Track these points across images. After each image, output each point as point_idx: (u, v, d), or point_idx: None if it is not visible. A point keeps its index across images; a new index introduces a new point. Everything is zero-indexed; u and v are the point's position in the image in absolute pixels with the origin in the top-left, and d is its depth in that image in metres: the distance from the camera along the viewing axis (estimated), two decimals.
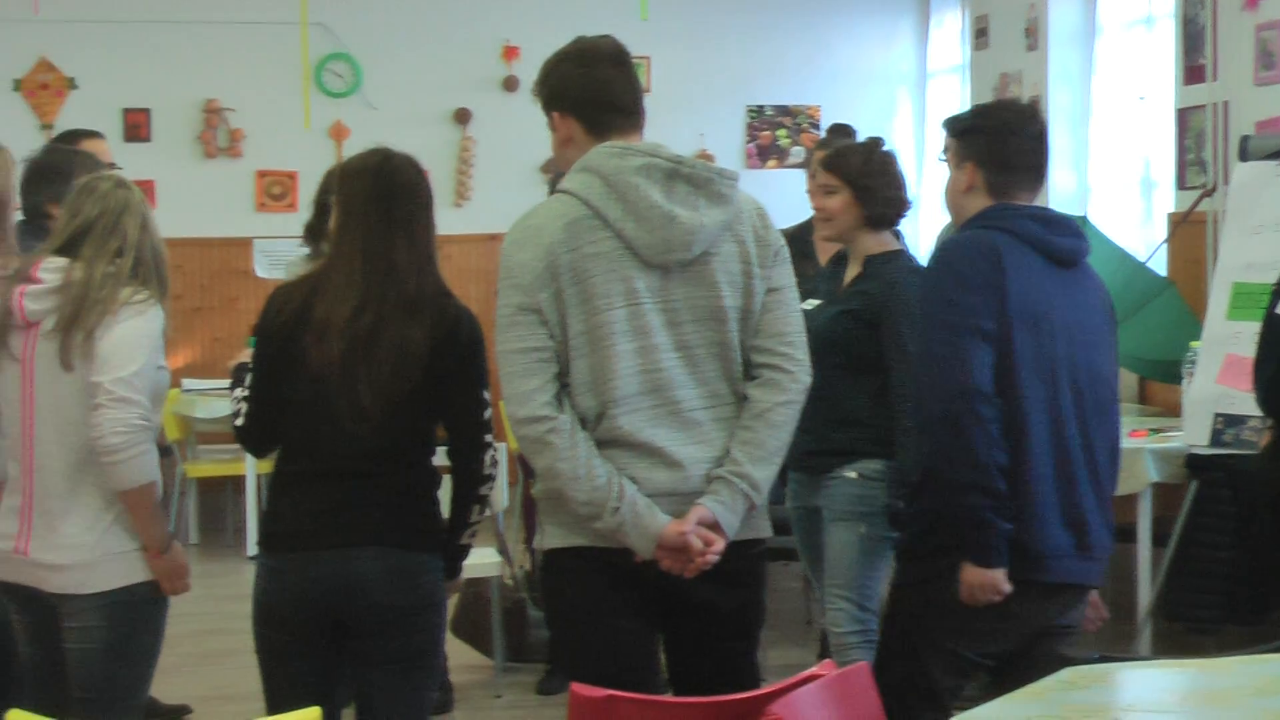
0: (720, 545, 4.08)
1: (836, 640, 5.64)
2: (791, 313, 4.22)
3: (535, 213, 4.18)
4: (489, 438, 4.50)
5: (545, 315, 4.05)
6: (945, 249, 4.44)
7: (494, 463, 4.52)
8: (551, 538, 4.20)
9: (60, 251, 4.56)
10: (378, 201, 4.38)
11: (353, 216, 4.40)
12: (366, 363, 4.29)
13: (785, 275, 4.24)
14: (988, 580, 4.29)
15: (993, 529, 4.25)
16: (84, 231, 4.55)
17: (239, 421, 4.54)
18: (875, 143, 5.95)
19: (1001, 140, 4.47)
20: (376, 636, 4.39)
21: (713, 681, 4.11)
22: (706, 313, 4.12)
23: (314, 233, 6.56)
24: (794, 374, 4.19)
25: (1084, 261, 4.52)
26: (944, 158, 4.66)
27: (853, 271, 5.80)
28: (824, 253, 7.18)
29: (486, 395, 4.47)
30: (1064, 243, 4.45)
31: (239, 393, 4.57)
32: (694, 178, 4.11)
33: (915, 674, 4.32)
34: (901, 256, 5.88)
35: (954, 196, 4.53)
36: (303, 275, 4.51)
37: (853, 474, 5.64)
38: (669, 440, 4.09)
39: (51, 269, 4.52)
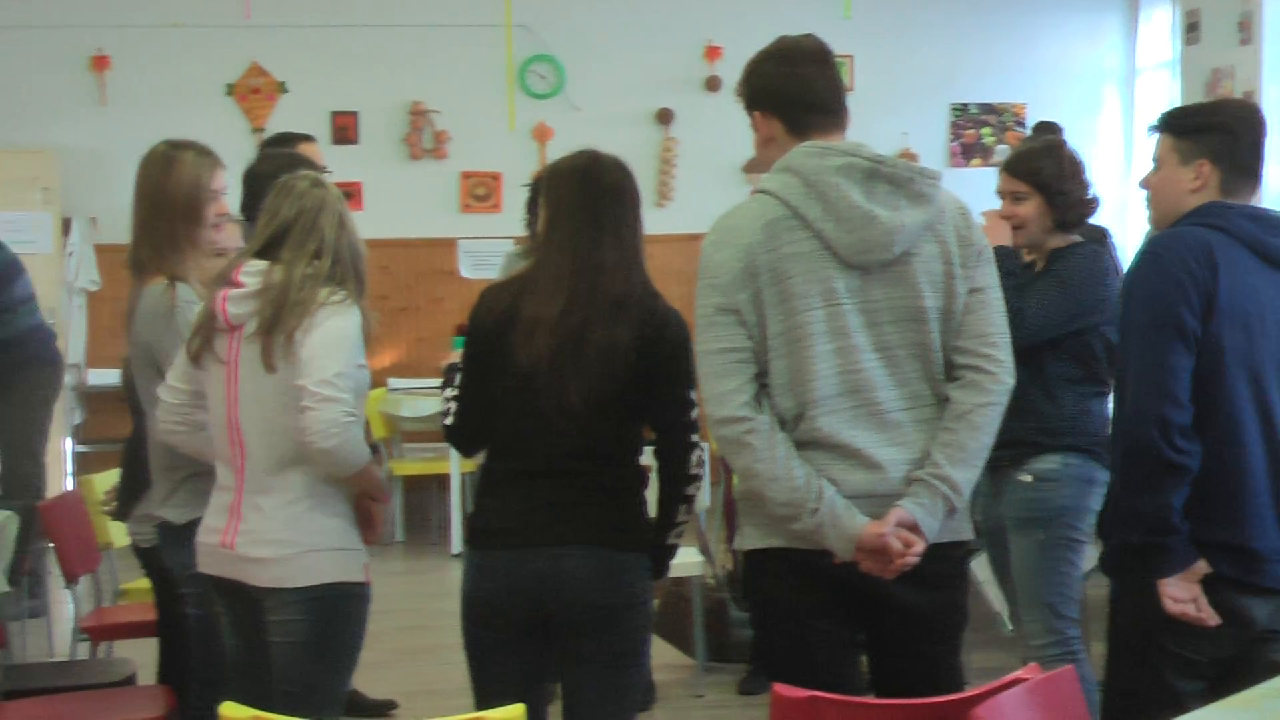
0: (920, 547, 4.04)
1: (1035, 655, 5.48)
2: (995, 313, 4.17)
3: (734, 213, 4.17)
4: (695, 437, 4.49)
5: (744, 316, 4.05)
6: (1154, 244, 4.35)
7: (700, 463, 4.52)
8: (750, 539, 4.19)
9: (261, 253, 4.64)
10: (585, 202, 4.41)
11: (560, 217, 4.43)
12: (574, 362, 4.32)
13: (988, 275, 4.18)
14: (1174, 590, 4.20)
15: (1177, 533, 4.18)
16: (283, 232, 4.63)
17: (448, 420, 4.58)
18: (1060, 144, 5.83)
19: (1238, 138, 4.38)
20: (584, 635, 4.41)
21: (914, 684, 4.08)
22: (907, 313, 4.08)
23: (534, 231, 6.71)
24: (996, 375, 4.14)
25: None
26: (1155, 155, 4.54)
27: (1038, 268, 5.70)
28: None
29: (693, 395, 4.47)
30: (1278, 243, 4.35)
31: (449, 392, 4.61)
32: (894, 177, 4.07)
33: (1151, 680, 4.24)
34: (1088, 244, 5.76)
35: (1176, 194, 4.42)
36: (512, 275, 4.54)
37: (1027, 477, 5.53)
38: (868, 442, 4.06)
39: (252, 272, 4.61)
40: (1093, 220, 7.07)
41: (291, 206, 4.65)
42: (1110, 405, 5.16)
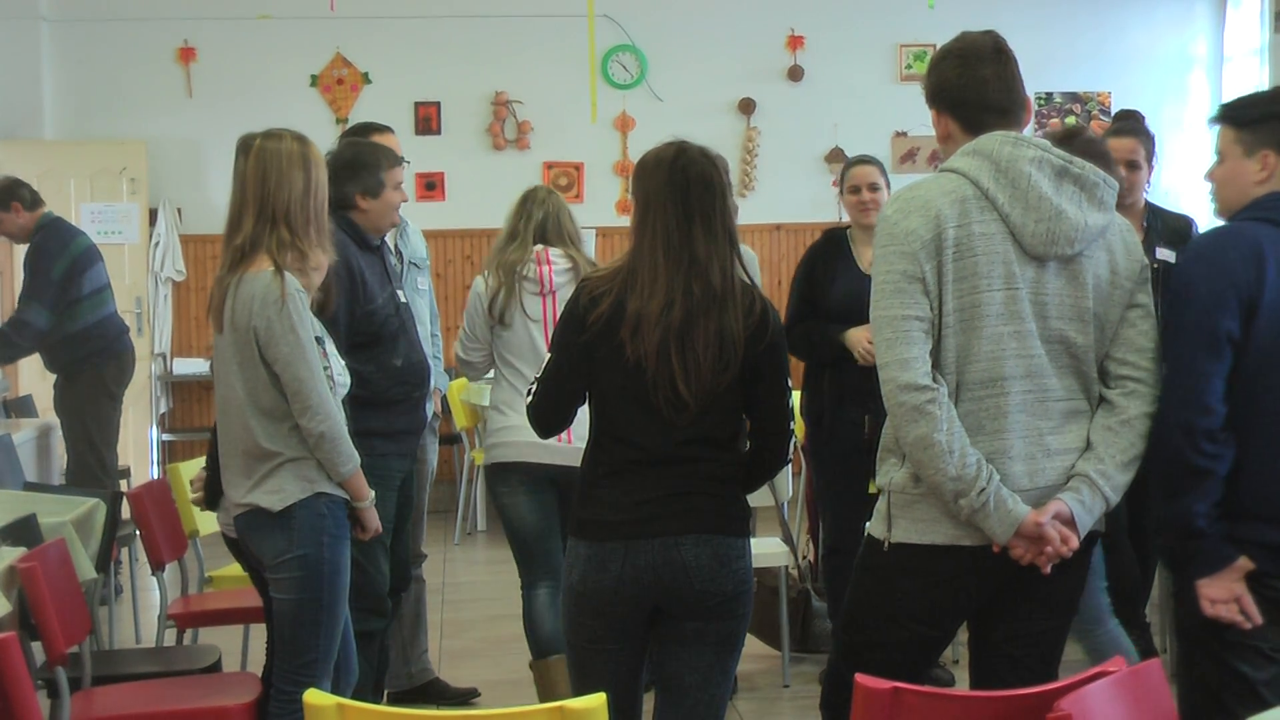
0: (1075, 543, 4.10)
1: None
2: (1154, 330, 4.23)
3: (921, 185, 4.19)
4: (792, 425, 4.56)
5: (928, 286, 4.07)
6: (1200, 244, 4.31)
7: (792, 449, 4.58)
8: (905, 532, 4.19)
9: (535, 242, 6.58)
10: (673, 194, 4.43)
11: (651, 210, 4.45)
12: (683, 355, 4.36)
13: (1149, 293, 4.24)
14: (1210, 590, 4.17)
15: (1202, 537, 4.14)
16: (543, 228, 6.63)
17: (529, 400, 4.61)
18: (1079, 129, 5.79)
19: None
20: (696, 620, 4.45)
21: (1020, 670, 4.18)
22: (1072, 311, 4.13)
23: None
24: (1157, 389, 4.20)
25: None
26: (1218, 149, 4.47)
27: None
28: None
29: (789, 383, 4.54)
30: None
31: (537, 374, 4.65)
32: (1082, 179, 4.13)
33: (1223, 671, 4.22)
34: None
35: (1242, 187, 4.35)
36: (611, 268, 4.55)
37: None
38: (1029, 429, 4.11)
39: (557, 255, 6.60)
40: (1178, 210, 7.04)
41: (539, 210, 6.66)
42: None
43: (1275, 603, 4.19)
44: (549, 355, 4.55)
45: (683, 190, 4.43)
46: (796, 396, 7.10)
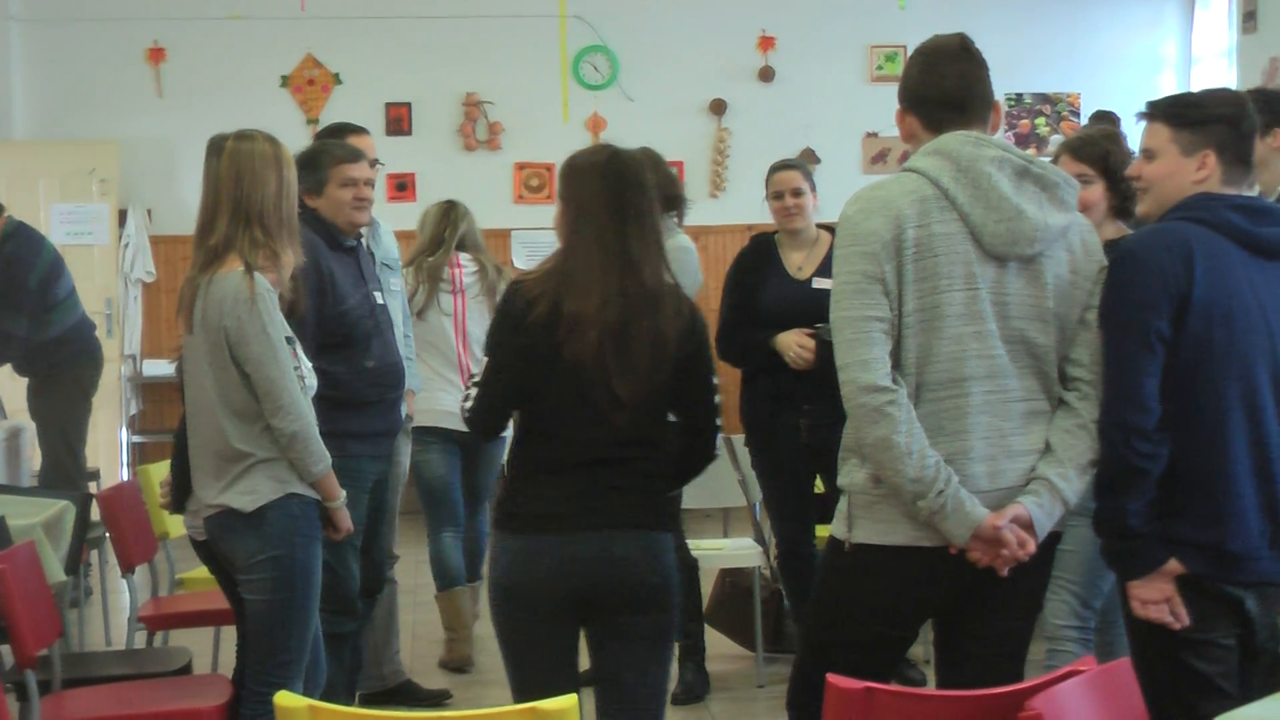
0: (1032, 546, 4.10)
1: (1052, 630, 5.53)
2: None
3: (882, 185, 4.20)
4: (720, 421, 4.62)
5: (888, 286, 4.07)
6: (1131, 243, 4.32)
7: (719, 445, 4.65)
8: (867, 533, 4.19)
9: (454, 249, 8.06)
10: (609, 197, 4.47)
11: (586, 212, 4.48)
12: (619, 354, 4.38)
13: None
14: (1141, 592, 4.20)
15: (1136, 537, 4.17)
16: (463, 238, 8.07)
17: (468, 404, 4.62)
18: (1119, 133, 5.81)
19: (1241, 130, 4.34)
20: (631, 613, 4.48)
21: (983, 670, 4.17)
22: (1033, 312, 4.13)
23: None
24: None
25: None
26: (1147, 145, 4.46)
27: None
28: None
29: (717, 380, 4.59)
30: (1269, 233, 4.29)
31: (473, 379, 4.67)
32: (1043, 179, 4.14)
33: (1179, 668, 4.24)
34: None
35: (1180, 186, 4.35)
36: (542, 270, 4.56)
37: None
38: (989, 430, 4.11)
39: (466, 259, 8.05)
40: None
41: (463, 223, 8.10)
42: None
43: (1218, 598, 4.21)
44: (486, 359, 4.56)
45: (617, 192, 4.46)
46: (734, 402, 7.06)
